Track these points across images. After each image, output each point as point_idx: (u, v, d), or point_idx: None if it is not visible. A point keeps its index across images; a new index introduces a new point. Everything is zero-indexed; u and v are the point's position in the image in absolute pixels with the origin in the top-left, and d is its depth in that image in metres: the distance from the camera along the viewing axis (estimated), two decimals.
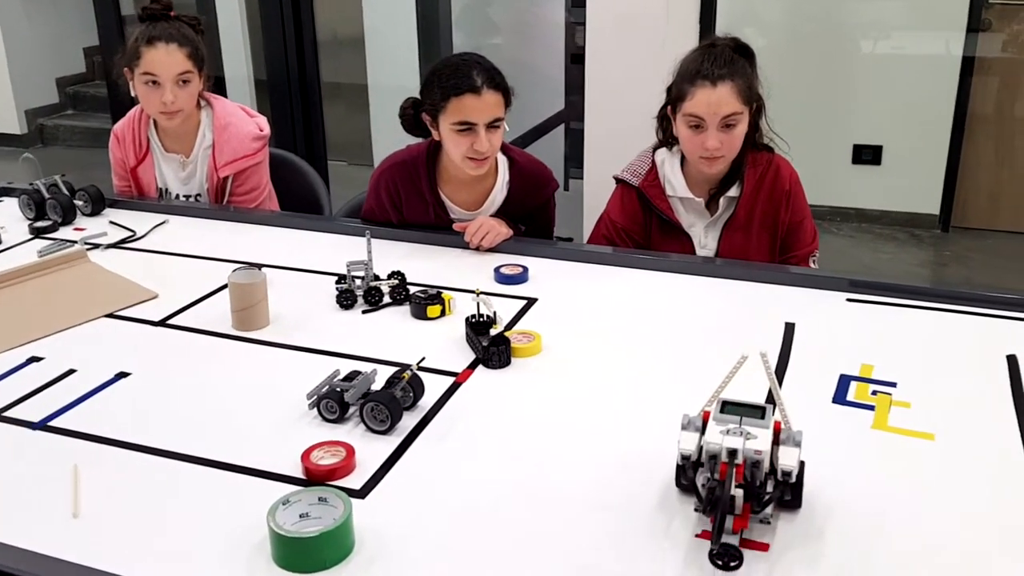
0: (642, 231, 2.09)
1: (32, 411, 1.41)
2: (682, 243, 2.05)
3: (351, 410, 1.38)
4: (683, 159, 2.06)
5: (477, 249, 2.04)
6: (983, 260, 4.23)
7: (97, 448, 1.32)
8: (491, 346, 1.54)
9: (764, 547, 1.09)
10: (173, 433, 1.35)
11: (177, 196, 2.42)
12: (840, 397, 1.43)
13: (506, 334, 1.58)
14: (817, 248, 2.09)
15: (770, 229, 2.04)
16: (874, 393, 1.44)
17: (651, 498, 1.19)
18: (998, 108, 4.32)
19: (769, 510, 1.11)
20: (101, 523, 1.16)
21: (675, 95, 1.97)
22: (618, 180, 2.13)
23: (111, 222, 2.24)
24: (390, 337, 1.66)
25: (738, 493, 1.06)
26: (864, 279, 1.81)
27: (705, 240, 2.06)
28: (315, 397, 1.39)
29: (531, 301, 1.80)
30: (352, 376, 1.43)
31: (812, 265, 2.06)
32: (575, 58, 5.14)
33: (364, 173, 5.38)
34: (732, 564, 1.05)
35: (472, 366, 1.55)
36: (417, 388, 1.41)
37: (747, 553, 1.07)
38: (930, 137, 4.35)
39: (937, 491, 1.20)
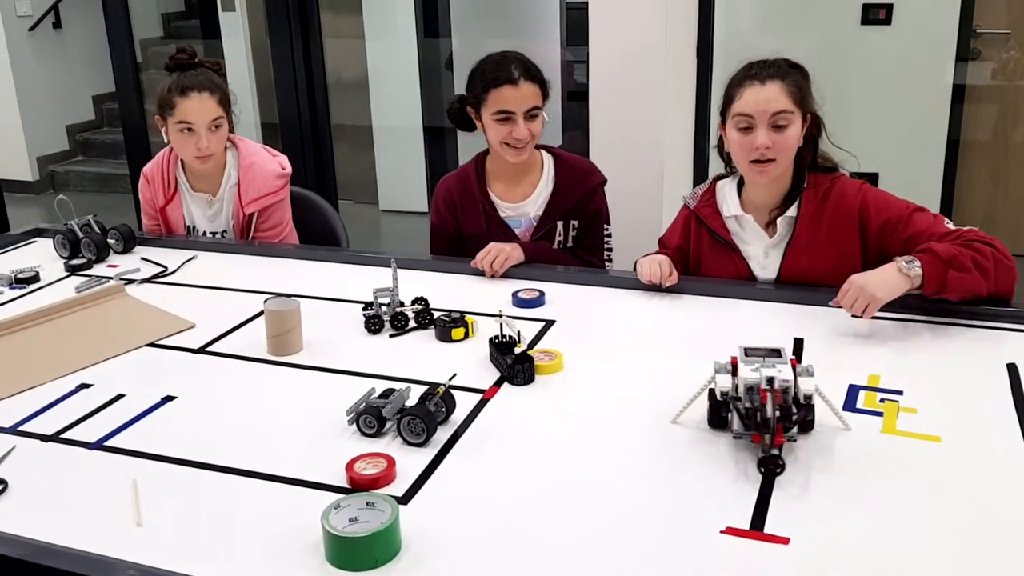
0: (690, 250, 2.11)
1: (87, 433, 1.50)
2: (734, 261, 2.04)
3: (388, 425, 1.46)
4: (740, 182, 2.06)
5: (492, 276, 2.13)
6: None
7: (152, 465, 1.40)
8: (516, 364, 1.62)
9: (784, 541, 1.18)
10: (223, 449, 1.43)
11: (204, 233, 2.52)
12: (850, 405, 1.51)
13: (529, 352, 1.67)
14: (944, 220, 1.90)
15: (843, 251, 1.94)
16: (882, 400, 1.52)
17: (679, 501, 1.27)
18: (990, 134, 4.43)
19: (795, 430, 1.36)
20: (164, 530, 1.24)
21: (724, 105, 1.96)
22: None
23: (143, 259, 2.34)
24: (417, 358, 1.75)
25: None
26: None
27: (765, 262, 2.03)
28: (354, 413, 1.47)
29: (549, 323, 1.89)
30: (387, 394, 1.51)
31: (949, 225, 1.88)
32: (571, 95, 5.28)
33: (370, 211, 5.57)
34: (778, 471, 1.29)
35: (498, 383, 1.63)
36: (449, 403, 1.50)
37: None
38: (925, 164, 4.45)
39: (946, 489, 1.28)
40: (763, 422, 1.30)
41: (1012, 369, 1.61)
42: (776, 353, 1.41)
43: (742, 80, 1.92)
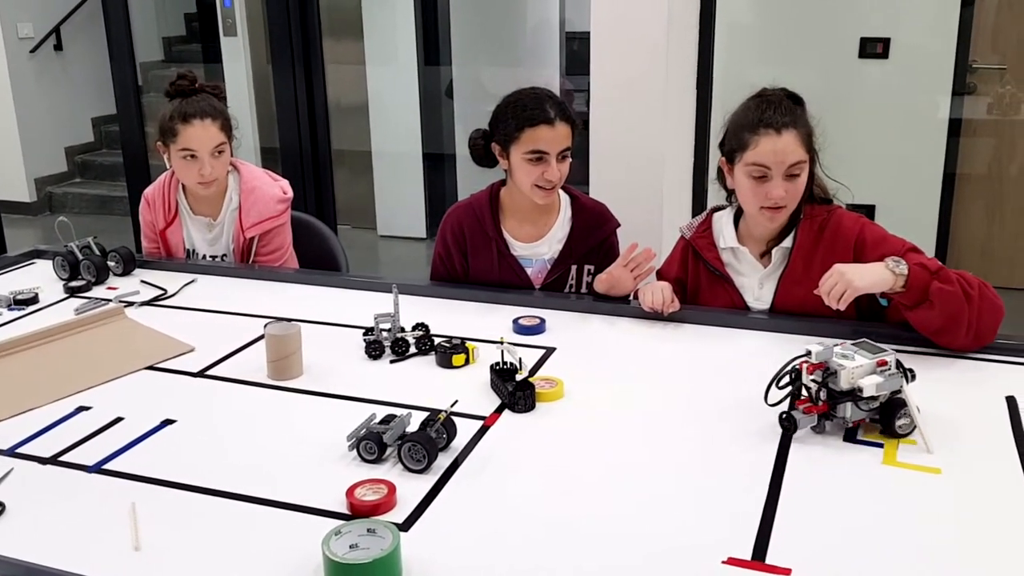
0: (688, 280, 2.12)
1: (85, 456, 1.49)
2: (729, 293, 2.05)
3: (389, 451, 1.46)
4: (737, 213, 2.06)
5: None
6: None
7: (151, 489, 1.39)
8: (517, 391, 1.62)
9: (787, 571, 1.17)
10: (222, 474, 1.43)
11: (204, 256, 2.51)
12: (851, 436, 1.51)
13: (530, 380, 1.67)
14: (938, 262, 1.80)
15: None
16: (882, 432, 1.52)
17: (680, 531, 1.27)
18: (986, 168, 4.47)
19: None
20: (162, 555, 1.23)
21: (734, 146, 1.94)
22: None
23: (142, 281, 2.34)
24: (418, 384, 1.75)
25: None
26: (865, 327, 1.90)
27: (759, 292, 2.04)
28: (354, 439, 1.47)
29: (550, 350, 1.89)
30: (388, 419, 1.51)
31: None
32: None
33: (368, 236, 5.58)
34: (789, 428, 1.49)
35: (499, 410, 1.63)
36: (450, 430, 1.49)
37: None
38: (921, 197, 4.48)
39: (946, 521, 1.28)
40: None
41: (1011, 402, 1.62)
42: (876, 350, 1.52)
43: (756, 127, 1.89)
